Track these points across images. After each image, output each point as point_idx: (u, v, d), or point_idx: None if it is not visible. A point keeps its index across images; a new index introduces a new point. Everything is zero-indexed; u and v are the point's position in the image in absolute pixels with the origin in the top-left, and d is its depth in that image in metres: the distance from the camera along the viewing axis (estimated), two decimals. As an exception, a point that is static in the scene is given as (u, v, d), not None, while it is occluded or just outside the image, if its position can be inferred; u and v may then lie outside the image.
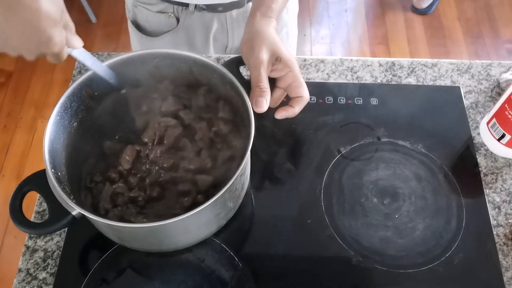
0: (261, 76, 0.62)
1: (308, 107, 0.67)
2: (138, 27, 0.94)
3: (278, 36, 0.66)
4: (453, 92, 0.80)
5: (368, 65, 0.83)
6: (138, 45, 0.97)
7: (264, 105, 0.61)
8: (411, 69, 0.83)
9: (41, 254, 0.64)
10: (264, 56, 0.62)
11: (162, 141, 0.64)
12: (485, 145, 0.74)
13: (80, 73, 0.82)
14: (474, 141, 0.74)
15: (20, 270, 0.63)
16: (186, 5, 0.87)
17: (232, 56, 0.71)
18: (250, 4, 0.89)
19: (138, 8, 0.90)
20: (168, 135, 0.64)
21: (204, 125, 0.65)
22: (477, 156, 0.73)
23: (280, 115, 0.66)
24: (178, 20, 0.89)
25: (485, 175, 0.71)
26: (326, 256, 0.64)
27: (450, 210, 0.68)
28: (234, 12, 0.89)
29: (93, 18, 2.19)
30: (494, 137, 0.71)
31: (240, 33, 0.92)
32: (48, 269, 0.63)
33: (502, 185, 0.70)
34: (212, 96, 0.66)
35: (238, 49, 0.82)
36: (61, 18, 0.49)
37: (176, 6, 0.87)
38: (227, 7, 0.88)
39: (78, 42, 0.54)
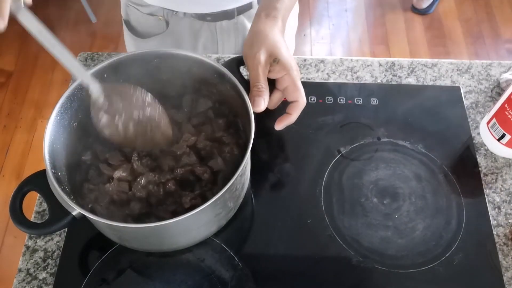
0: (259, 76, 0.62)
1: (308, 107, 0.67)
2: (130, 27, 0.94)
3: (282, 38, 0.66)
4: (453, 92, 0.80)
5: (368, 65, 0.83)
6: (130, 45, 0.97)
7: (261, 105, 0.61)
8: (411, 69, 0.83)
9: (41, 254, 0.64)
10: (262, 56, 0.62)
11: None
12: (485, 145, 0.74)
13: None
14: (474, 141, 0.74)
15: (20, 270, 0.63)
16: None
17: (232, 56, 0.71)
18: (241, 16, 0.89)
19: (130, 8, 0.90)
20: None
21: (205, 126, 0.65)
22: (477, 156, 0.73)
23: (279, 126, 0.66)
24: (167, 24, 0.89)
25: (485, 175, 0.71)
26: (326, 256, 0.64)
27: (450, 210, 0.68)
28: (224, 23, 0.89)
29: (93, 18, 2.19)
30: (494, 137, 0.71)
31: (230, 44, 0.93)
32: (48, 269, 0.63)
33: (502, 185, 0.70)
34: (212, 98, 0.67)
35: None
36: None
37: (166, 10, 0.87)
38: (216, 17, 0.87)
39: None
